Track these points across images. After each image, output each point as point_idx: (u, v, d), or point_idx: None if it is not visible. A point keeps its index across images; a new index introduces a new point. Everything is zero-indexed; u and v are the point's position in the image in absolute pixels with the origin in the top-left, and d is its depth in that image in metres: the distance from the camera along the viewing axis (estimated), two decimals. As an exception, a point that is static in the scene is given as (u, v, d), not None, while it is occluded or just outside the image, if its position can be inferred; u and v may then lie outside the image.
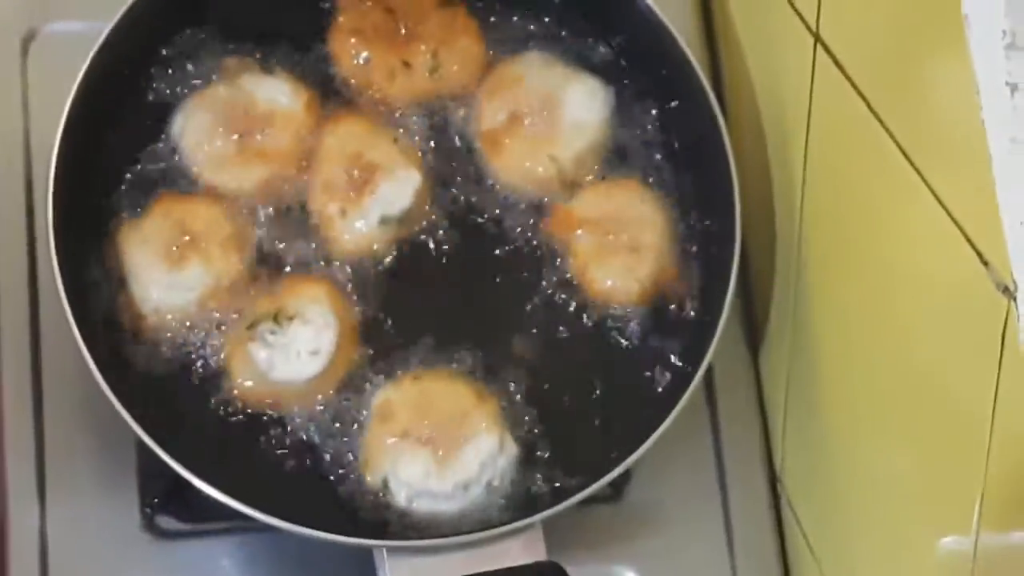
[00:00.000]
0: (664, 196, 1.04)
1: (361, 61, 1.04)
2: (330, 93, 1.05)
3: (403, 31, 1.05)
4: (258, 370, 0.96)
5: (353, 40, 1.04)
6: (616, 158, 1.05)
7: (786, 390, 1.06)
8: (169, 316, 0.98)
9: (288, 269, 1.01)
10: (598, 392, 1.01)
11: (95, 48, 0.98)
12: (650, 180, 1.05)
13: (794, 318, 1.03)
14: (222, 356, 0.98)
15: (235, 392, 0.98)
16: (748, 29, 1.08)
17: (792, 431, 1.07)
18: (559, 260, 1.03)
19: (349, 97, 1.05)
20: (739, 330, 1.10)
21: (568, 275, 1.02)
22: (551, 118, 1.04)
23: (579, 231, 1.03)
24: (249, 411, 0.97)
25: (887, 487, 0.92)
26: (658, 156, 1.05)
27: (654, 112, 1.06)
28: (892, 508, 0.91)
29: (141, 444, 0.94)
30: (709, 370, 1.08)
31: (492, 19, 1.07)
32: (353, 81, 1.05)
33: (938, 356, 0.82)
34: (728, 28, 1.11)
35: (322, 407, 0.98)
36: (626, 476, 1.06)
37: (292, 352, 0.96)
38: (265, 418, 0.98)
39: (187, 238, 0.99)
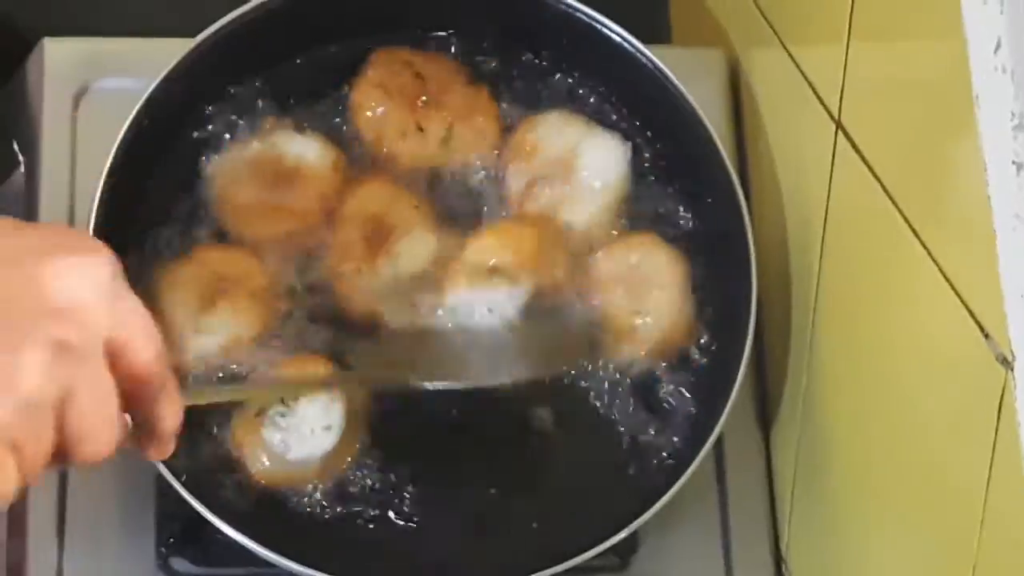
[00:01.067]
0: (681, 254, 1.07)
1: (377, 114, 1.07)
2: (360, 156, 1.08)
3: (425, 98, 1.08)
4: (274, 453, 0.98)
5: (375, 93, 1.07)
6: (635, 214, 1.08)
7: (795, 469, 1.07)
8: (195, 361, 1.00)
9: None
10: (607, 457, 1.03)
11: (139, 103, 1.02)
12: (667, 236, 1.07)
13: (805, 397, 1.05)
14: (233, 444, 1.00)
15: (253, 476, 0.99)
16: (772, 113, 1.10)
17: (799, 511, 1.08)
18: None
19: (375, 160, 1.08)
20: (751, 406, 1.11)
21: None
22: (570, 180, 1.07)
23: (597, 286, 1.05)
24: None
25: (890, 572, 0.93)
26: (676, 222, 1.08)
27: (675, 185, 1.08)
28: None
29: (160, 484, 0.96)
30: (720, 446, 1.10)
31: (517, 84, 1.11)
32: (364, 134, 1.07)
33: (940, 432, 0.83)
34: (753, 111, 1.14)
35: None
36: (632, 546, 1.07)
37: (305, 431, 0.98)
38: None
39: (221, 285, 1.02)
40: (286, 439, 0.97)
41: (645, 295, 1.05)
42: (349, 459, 1.00)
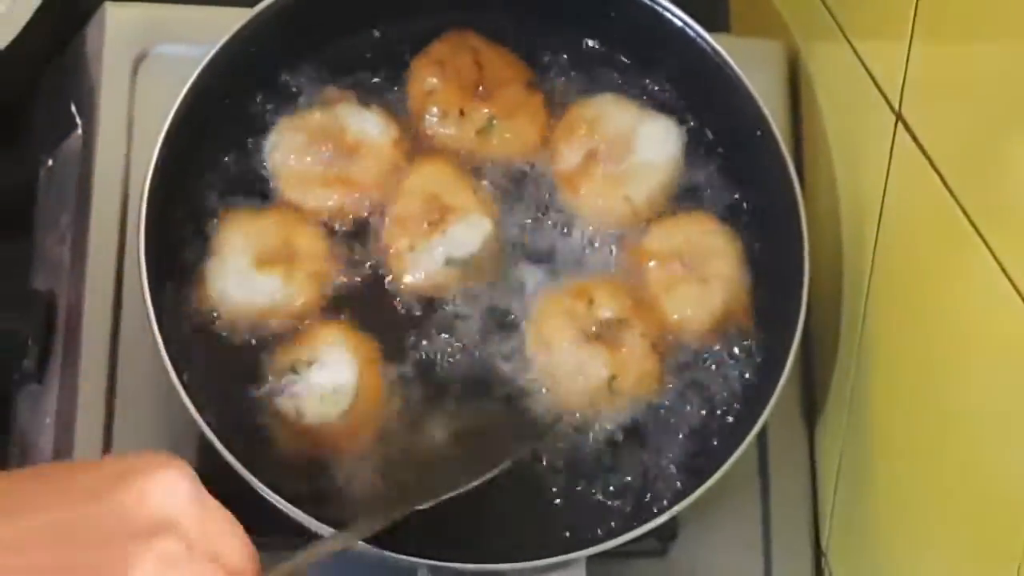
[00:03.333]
0: (734, 230, 1.07)
1: (426, 88, 1.08)
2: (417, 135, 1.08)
3: (480, 88, 1.08)
4: (291, 420, 0.99)
5: (432, 67, 1.08)
6: (688, 194, 1.08)
7: (839, 462, 1.07)
8: (237, 314, 1.01)
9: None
10: (651, 439, 1.02)
11: (198, 70, 1.02)
12: (721, 216, 1.07)
13: (853, 389, 1.04)
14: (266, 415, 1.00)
15: (284, 439, 1.00)
16: (831, 105, 1.10)
17: (841, 505, 1.07)
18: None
19: (435, 140, 1.08)
20: (797, 397, 1.11)
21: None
22: (625, 157, 1.07)
23: (651, 263, 1.05)
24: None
25: (933, 570, 0.93)
26: (730, 207, 1.08)
27: (730, 170, 1.08)
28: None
29: (202, 448, 0.96)
30: (764, 437, 1.10)
31: (573, 73, 1.11)
32: (410, 105, 1.08)
33: (991, 428, 0.83)
34: (811, 103, 1.13)
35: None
36: (672, 533, 1.07)
37: (316, 395, 0.99)
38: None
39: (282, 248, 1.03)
40: (298, 404, 0.98)
41: (704, 265, 1.05)
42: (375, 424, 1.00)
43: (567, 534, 0.99)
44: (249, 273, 1.02)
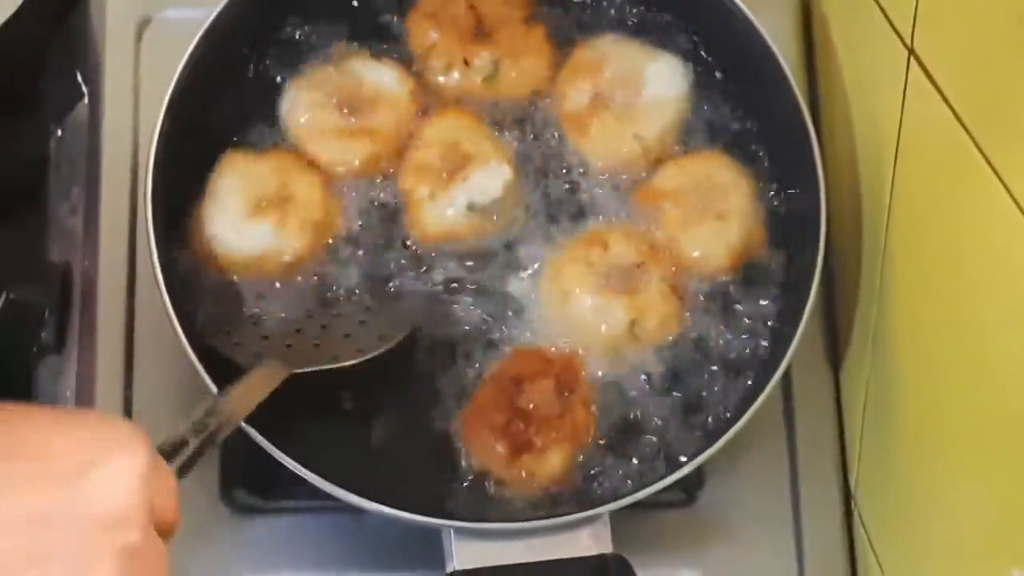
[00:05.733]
0: (748, 169, 1.06)
1: (427, 44, 1.07)
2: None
3: (478, 32, 1.07)
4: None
5: (426, 23, 1.07)
6: (698, 133, 1.07)
7: (864, 406, 1.06)
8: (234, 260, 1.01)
9: (361, 253, 1.03)
10: (675, 389, 1.02)
11: (200, 33, 1.02)
12: (734, 154, 1.06)
13: (876, 332, 1.03)
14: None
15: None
16: (844, 41, 1.08)
17: (868, 449, 1.06)
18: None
19: (445, 91, 1.07)
20: (820, 342, 1.10)
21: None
22: (633, 96, 1.06)
23: (666, 203, 1.04)
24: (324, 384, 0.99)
25: (961, 513, 0.92)
26: (742, 146, 1.07)
27: (741, 109, 1.08)
28: (965, 535, 0.90)
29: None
30: (788, 384, 1.09)
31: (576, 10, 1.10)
32: (416, 62, 1.08)
33: (1014, 366, 0.81)
34: (825, 38, 1.12)
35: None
36: (699, 481, 1.07)
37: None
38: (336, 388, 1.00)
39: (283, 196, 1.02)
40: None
41: (719, 201, 1.04)
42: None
43: (592, 488, 0.99)
44: (238, 223, 1.02)
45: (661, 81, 1.07)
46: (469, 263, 1.04)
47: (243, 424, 0.91)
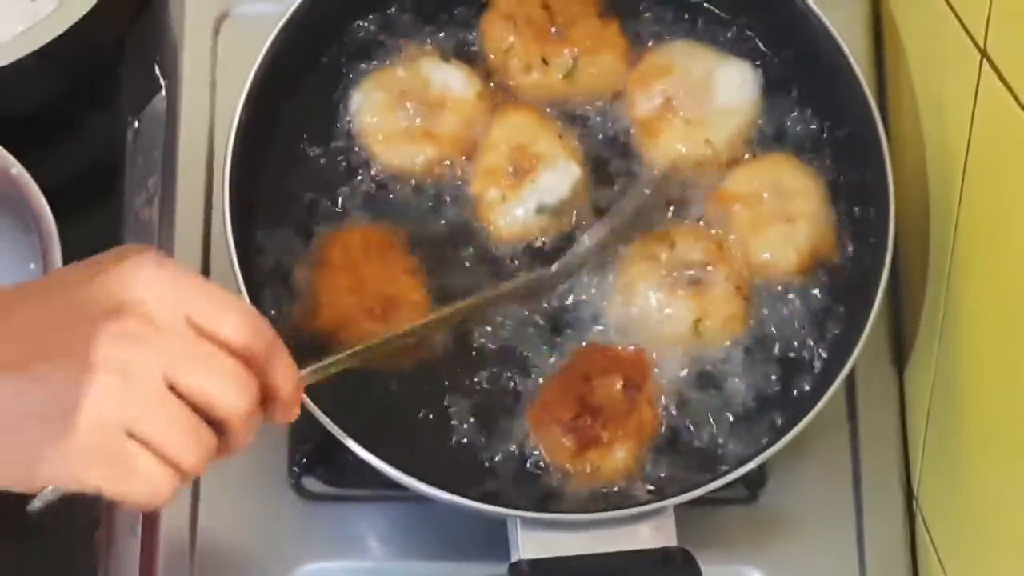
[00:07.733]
0: (817, 172, 1.06)
1: (504, 46, 1.08)
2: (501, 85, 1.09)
3: (553, 30, 1.08)
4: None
5: (502, 24, 1.08)
6: (769, 137, 1.08)
7: (929, 406, 1.06)
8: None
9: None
10: (741, 388, 1.02)
11: (278, 27, 1.03)
12: (804, 156, 1.07)
13: (942, 333, 1.03)
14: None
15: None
16: (914, 42, 1.08)
17: (932, 450, 1.06)
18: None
19: (506, 89, 1.08)
20: (885, 342, 1.10)
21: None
22: (704, 101, 1.07)
23: (736, 206, 1.05)
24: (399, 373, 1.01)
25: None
26: (813, 149, 1.07)
27: (811, 112, 1.08)
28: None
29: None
30: (852, 385, 1.09)
31: (647, 14, 1.10)
32: (493, 64, 1.08)
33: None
34: (894, 41, 1.12)
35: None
36: (762, 479, 1.07)
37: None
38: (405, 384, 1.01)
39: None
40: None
41: (788, 204, 1.05)
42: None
43: (657, 481, 0.99)
44: None
45: (732, 86, 1.07)
46: (538, 262, 1.04)
47: (317, 413, 0.93)
